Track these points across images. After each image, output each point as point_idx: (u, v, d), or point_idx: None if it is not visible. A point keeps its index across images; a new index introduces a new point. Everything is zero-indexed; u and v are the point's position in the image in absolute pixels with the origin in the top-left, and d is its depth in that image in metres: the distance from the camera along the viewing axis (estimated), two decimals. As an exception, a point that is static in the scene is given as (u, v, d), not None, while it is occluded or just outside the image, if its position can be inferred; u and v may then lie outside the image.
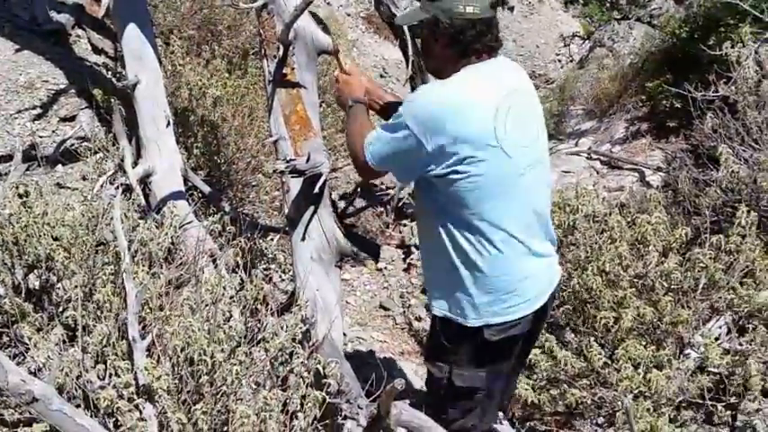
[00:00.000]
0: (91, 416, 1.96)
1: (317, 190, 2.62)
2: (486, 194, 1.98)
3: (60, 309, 2.43)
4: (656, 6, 7.07)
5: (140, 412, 1.95)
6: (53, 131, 4.18)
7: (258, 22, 2.85)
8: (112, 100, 4.09)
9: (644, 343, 2.84)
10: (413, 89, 4.29)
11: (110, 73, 4.75)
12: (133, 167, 3.59)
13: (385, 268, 4.74)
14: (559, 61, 12.05)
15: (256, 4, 2.80)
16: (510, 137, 1.97)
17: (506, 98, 1.99)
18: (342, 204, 4.96)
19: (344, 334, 3.78)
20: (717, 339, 2.93)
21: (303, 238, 2.75)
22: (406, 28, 4.70)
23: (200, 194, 3.85)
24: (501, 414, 2.79)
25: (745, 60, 3.96)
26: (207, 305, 2.37)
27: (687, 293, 2.97)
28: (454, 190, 1.98)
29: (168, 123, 3.72)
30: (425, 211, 2.17)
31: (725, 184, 3.62)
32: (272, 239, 4.28)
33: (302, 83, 2.80)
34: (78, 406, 2.01)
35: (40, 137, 4.09)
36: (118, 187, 3.44)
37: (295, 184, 2.72)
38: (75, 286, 2.35)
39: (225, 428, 2.02)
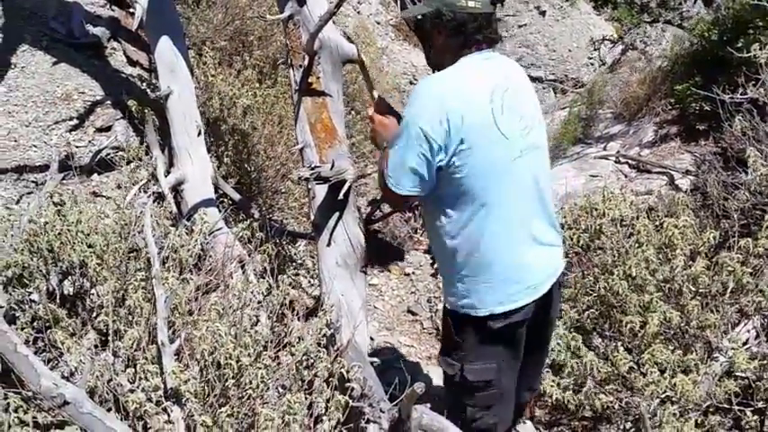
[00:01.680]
0: (120, 419, 2.02)
1: (341, 196, 2.67)
2: (484, 176, 2.02)
3: (94, 314, 2.51)
4: (686, 9, 6.99)
5: (168, 415, 2.00)
6: (89, 141, 4.29)
7: (285, 33, 2.92)
8: (146, 110, 4.19)
9: (671, 348, 2.82)
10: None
11: (144, 84, 4.86)
12: (166, 176, 3.68)
13: (413, 273, 4.77)
14: (592, 65, 11.96)
15: (282, 16, 2.87)
16: (506, 118, 2.03)
17: (501, 82, 2.06)
18: (369, 210, 5.00)
19: (372, 338, 3.82)
20: (745, 344, 2.90)
21: (328, 244, 2.80)
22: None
23: (230, 202, 3.92)
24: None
25: (773, 63, 3.92)
26: (234, 310, 2.43)
27: (715, 297, 2.94)
28: (455, 175, 2.02)
29: (199, 133, 3.81)
30: (429, 202, 2.21)
31: (753, 187, 3.58)
32: (300, 245, 4.34)
33: (327, 91, 2.85)
34: (109, 409, 2.07)
35: (77, 147, 4.20)
36: (150, 195, 3.53)
37: (320, 191, 2.77)
38: (108, 292, 2.42)
39: (251, 431, 2.07)
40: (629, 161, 6.09)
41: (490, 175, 2.02)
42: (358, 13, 9.50)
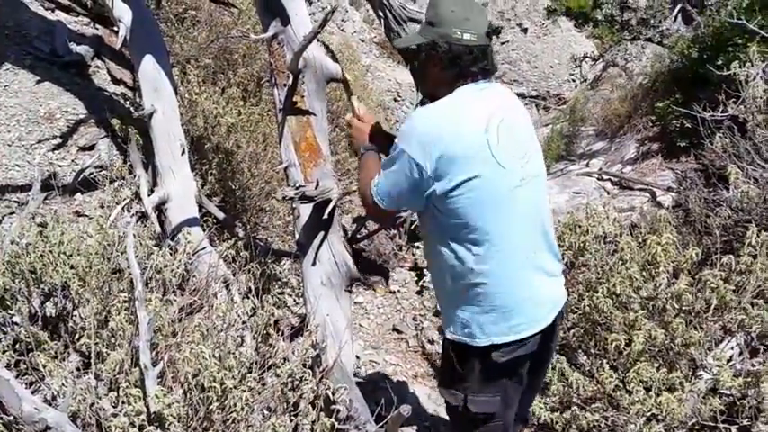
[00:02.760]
0: (103, 443, 2.00)
1: (326, 216, 2.67)
2: (485, 207, 2.01)
3: (76, 336, 2.48)
4: (666, 27, 7.08)
5: (151, 439, 1.98)
6: (72, 161, 4.26)
7: (269, 52, 2.92)
8: (130, 129, 4.17)
9: (656, 365, 2.83)
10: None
11: (128, 103, 4.84)
12: (149, 195, 3.66)
13: (398, 291, 4.76)
14: (573, 81, 12.09)
15: (266, 35, 2.88)
16: (503, 148, 2.01)
17: (497, 112, 2.04)
18: (354, 227, 5.00)
19: (357, 357, 3.81)
20: (729, 361, 2.91)
21: (313, 264, 2.79)
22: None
23: (214, 220, 3.91)
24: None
25: (753, 80, 3.96)
26: (219, 331, 2.41)
27: (699, 314, 2.96)
28: (454, 207, 2.01)
29: (183, 151, 3.79)
30: (428, 231, 2.20)
31: (735, 204, 3.61)
32: (285, 264, 4.32)
33: (312, 110, 2.86)
34: (92, 433, 2.05)
35: (60, 166, 4.17)
36: (134, 215, 3.51)
37: (305, 210, 2.77)
38: (90, 314, 2.39)
39: (235, 454, 2.05)
40: (612, 178, 6.15)
41: (489, 206, 2.01)
42: (342, 30, 9.55)
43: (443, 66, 2.08)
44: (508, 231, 2.05)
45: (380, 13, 4.59)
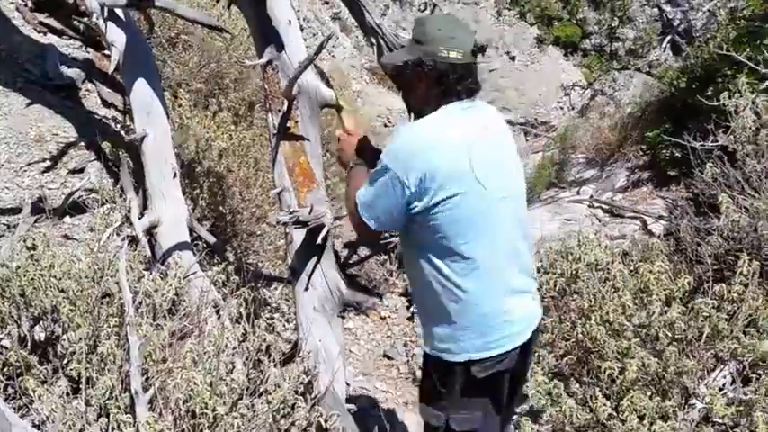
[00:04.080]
0: (92, 470, 1.96)
1: (319, 241, 2.66)
2: (464, 226, 2.03)
3: (65, 361, 2.44)
4: (654, 57, 7.18)
5: (141, 467, 1.94)
6: (62, 183, 4.23)
7: (263, 78, 2.93)
8: (121, 153, 4.16)
9: (649, 393, 2.82)
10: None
11: (119, 126, 4.83)
12: (140, 219, 3.63)
13: (389, 317, 4.74)
14: (561, 109, 12.20)
15: (261, 61, 2.88)
16: (484, 169, 2.03)
17: (479, 133, 2.07)
18: (345, 253, 4.99)
19: (348, 384, 3.77)
20: (721, 389, 2.91)
21: (306, 289, 2.78)
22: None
23: (205, 244, 3.88)
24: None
25: (742, 110, 4.01)
26: (210, 357, 2.38)
27: (691, 343, 2.96)
28: (434, 224, 2.03)
29: (175, 175, 3.78)
30: (409, 248, 2.21)
31: (726, 233, 3.63)
32: (275, 288, 4.30)
33: (306, 136, 2.87)
34: (80, 460, 2.01)
35: (49, 189, 4.14)
36: (124, 239, 3.47)
37: (298, 235, 2.76)
38: (80, 338, 2.36)
39: (226, 483, 2.02)
40: (603, 206, 6.18)
41: (469, 224, 2.03)
42: (333, 56, 9.61)
43: (429, 83, 2.10)
44: (486, 249, 2.07)
45: (373, 41, 4.62)
